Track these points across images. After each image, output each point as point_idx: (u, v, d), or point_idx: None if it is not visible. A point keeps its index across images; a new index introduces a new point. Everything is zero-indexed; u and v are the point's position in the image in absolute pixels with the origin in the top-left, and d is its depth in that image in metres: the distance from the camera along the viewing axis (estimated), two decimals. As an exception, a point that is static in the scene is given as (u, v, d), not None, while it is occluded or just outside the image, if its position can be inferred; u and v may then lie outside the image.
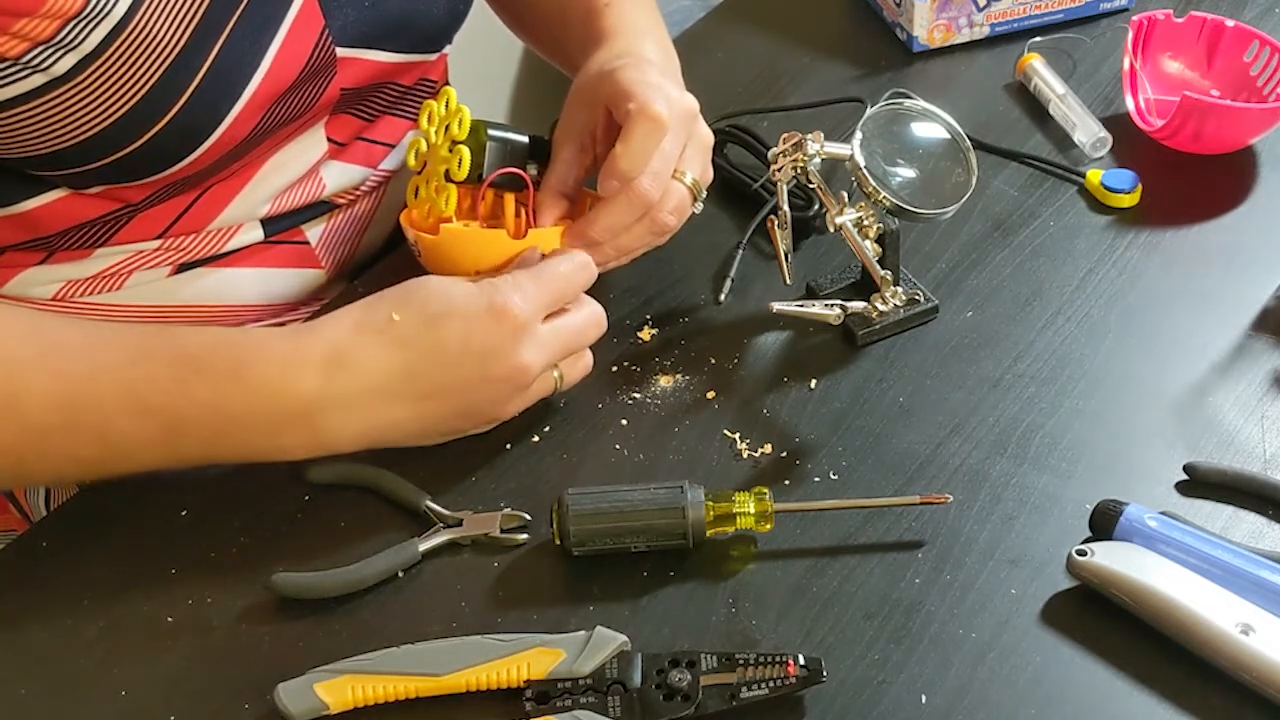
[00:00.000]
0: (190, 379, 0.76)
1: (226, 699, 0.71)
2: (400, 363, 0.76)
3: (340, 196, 0.96)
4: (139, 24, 0.75)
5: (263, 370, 0.76)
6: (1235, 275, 0.92)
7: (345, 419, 0.77)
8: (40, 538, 0.82)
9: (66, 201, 0.85)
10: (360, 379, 0.76)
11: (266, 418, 0.76)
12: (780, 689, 0.67)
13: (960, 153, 0.88)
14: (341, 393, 0.76)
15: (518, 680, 0.69)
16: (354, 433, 0.77)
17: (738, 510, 0.76)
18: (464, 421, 0.80)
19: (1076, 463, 0.80)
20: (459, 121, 0.85)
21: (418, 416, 0.78)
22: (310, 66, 0.84)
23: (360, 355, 0.76)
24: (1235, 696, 0.67)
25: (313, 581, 0.75)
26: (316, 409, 0.76)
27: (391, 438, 0.79)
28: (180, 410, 0.75)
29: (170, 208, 0.88)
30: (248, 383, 0.76)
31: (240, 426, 0.76)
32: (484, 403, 0.79)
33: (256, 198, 0.91)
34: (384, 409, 0.77)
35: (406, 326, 0.77)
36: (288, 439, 0.77)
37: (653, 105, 0.82)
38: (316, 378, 0.76)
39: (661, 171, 0.84)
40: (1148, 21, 1.07)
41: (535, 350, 0.78)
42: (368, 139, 0.96)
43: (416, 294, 0.78)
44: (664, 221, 0.86)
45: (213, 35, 0.78)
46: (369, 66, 0.89)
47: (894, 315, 0.89)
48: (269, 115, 0.83)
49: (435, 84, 1.00)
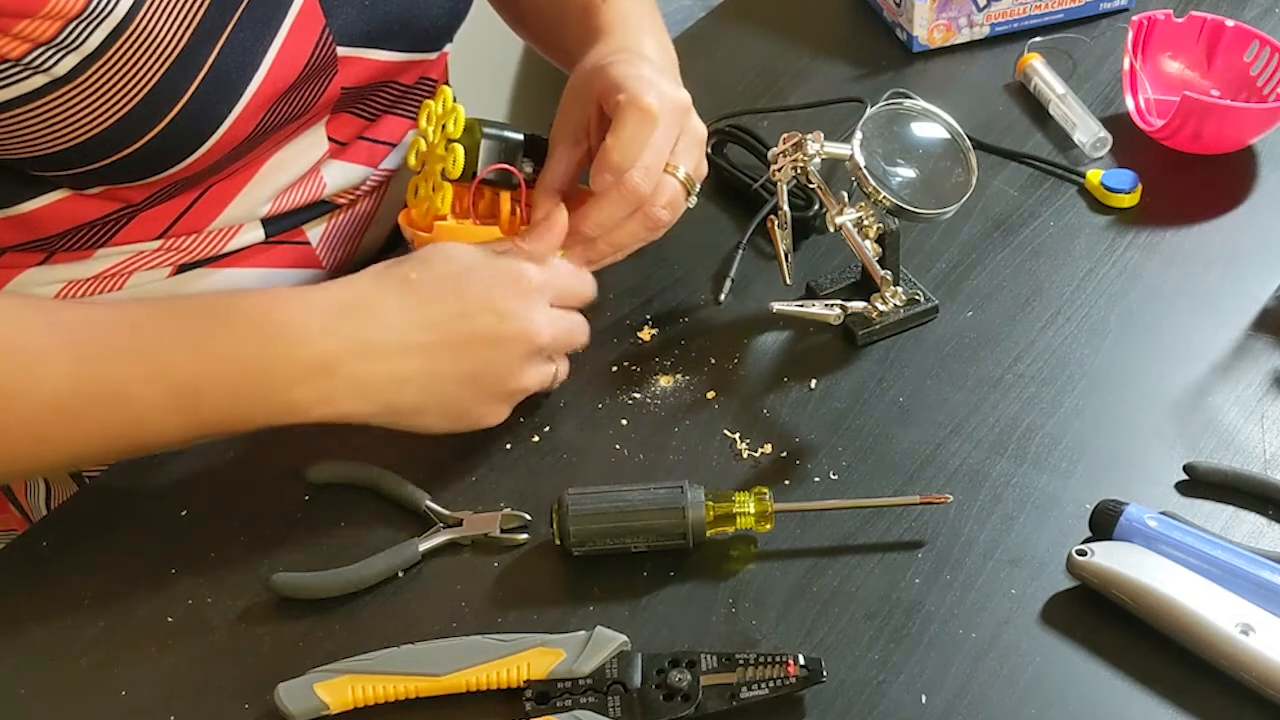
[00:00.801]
0: (208, 332, 0.75)
1: (226, 699, 0.71)
2: (419, 312, 0.77)
3: (341, 196, 0.96)
4: (140, 24, 0.75)
5: (282, 316, 0.76)
6: (1235, 275, 0.92)
7: (358, 366, 0.76)
8: (40, 538, 0.82)
9: (67, 202, 0.85)
10: (376, 322, 0.76)
11: (283, 367, 0.75)
12: (780, 689, 0.67)
13: (960, 153, 0.88)
14: (358, 338, 0.76)
15: (518, 680, 0.69)
16: (368, 384, 0.76)
17: (738, 510, 0.76)
18: (474, 390, 0.79)
19: (1076, 463, 0.80)
20: (454, 120, 0.85)
21: (431, 372, 0.77)
22: (311, 66, 0.84)
23: (376, 300, 0.77)
24: (1235, 696, 0.67)
25: (313, 581, 0.75)
26: (334, 356, 0.75)
27: (403, 399, 0.77)
28: (197, 368, 0.74)
29: (171, 208, 0.88)
30: (265, 331, 0.75)
31: (257, 380, 0.75)
32: (496, 366, 0.79)
33: (257, 197, 0.91)
34: (398, 360, 0.76)
35: (426, 283, 0.78)
36: (304, 392, 0.75)
37: (643, 97, 0.82)
38: (334, 322, 0.76)
39: (653, 166, 0.84)
40: (1148, 21, 1.07)
41: (546, 322, 0.80)
42: (369, 138, 0.96)
43: (437, 255, 0.80)
44: (657, 216, 0.86)
45: (214, 35, 0.78)
46: (370, 66, 0.90)
47: (894, 315, 0.89)
48: (270, 115, 0.83)
49: (435, 83, 1.00)
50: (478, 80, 1.60)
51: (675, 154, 0.85)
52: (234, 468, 0.84)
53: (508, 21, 1.12)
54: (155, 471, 0.84)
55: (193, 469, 0.84)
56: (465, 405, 0.80)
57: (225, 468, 0.84)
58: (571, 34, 0.96)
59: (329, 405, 0.76)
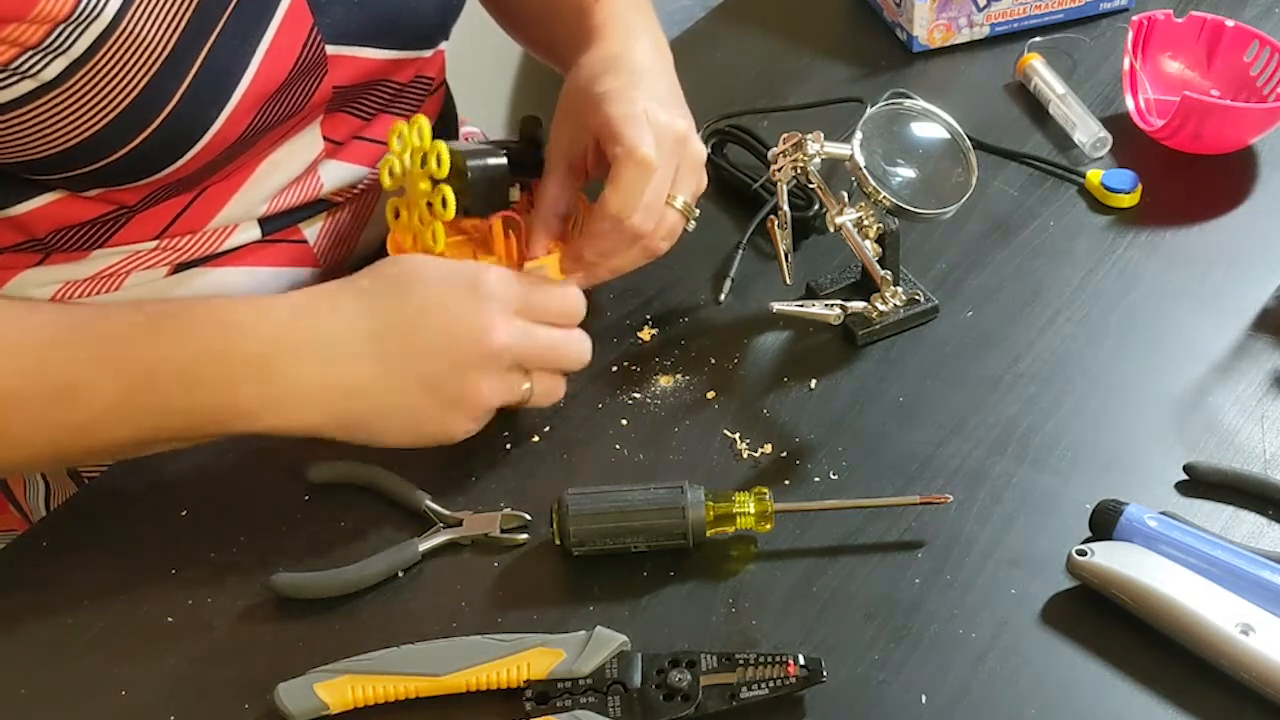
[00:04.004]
0: (157, 329, 0.76)
1: (226, 699, 0.71)
2: (367, 324, 0.76)
3: (338, 195, 0.96)
4: (128, 27, 0.74)
5: (232, 317, 0.76)
6: (1235, 275, 0.92)
7: (301, 369, 0.75)
8: (40, 538, 0.82)
9: (62, 204, 0.85)
10: (321, 327, 0.76)
11: (226, 365, 0.75)
12: (780, 689, 0.67)
13: (960, 153, 0.88)
14: (299, 338, 0.75)
15: (518, 680, 0.69)
16: (312, 389, 0.75)
17: (738, 510, 0.76)
18: (429, 399, 0.77)
19: (1076, 463, 0.80)
20: (436, 158, 0.84)
21: (380, 381, 0.76)
22: (300, 65, 0.84)
23: (325, 306, 0.77)
24: (1235, 696, 0.67)
25: (313, 581, 0.75)
26: (273, 352, 0.75)
27: (353, 410, 0.77)
28: (144, 363, 0.74)
29: (167, 209, 0.88)
30: (216, 329, 0.76)
31: (200, 379, 0.75)
32: (448, 374, 0.77)
33: (254, 198, 0.91)
34: (344, 367, 0.76)
35: (379, 292, 0.77)
36: (246, 392, 0.75)
37: (639, 149, 0.81)
38: (282, 325, 0.76)
39: (654, 205, 0.83)
40: (1148, 21, 1.07)
41: (507, 331, 0.77)
42: (366, 138, 0.96)
43: (391, 266, 0.79)
44: (656, 248, 0.87)
45: (202, 36, 0.78)
46: (361, 64, 0.89)
47: (894, 315, 0.89)
48: (261, 115, 0.83)
49: (432, 80, 1.00)
50: (477, 80, 1.60)
51: (675, 184, 0.85)
52: (234, 468, 0.84)
53: (499, 21, 1.11)
54: (155, 471, 0.84)
55: (193, 469, 0.84)
56: (421, 416, 0.78)
57: (225, 468, 0.84)
58: (563, 34, 0.96)
59: (276, 412, 0.75)
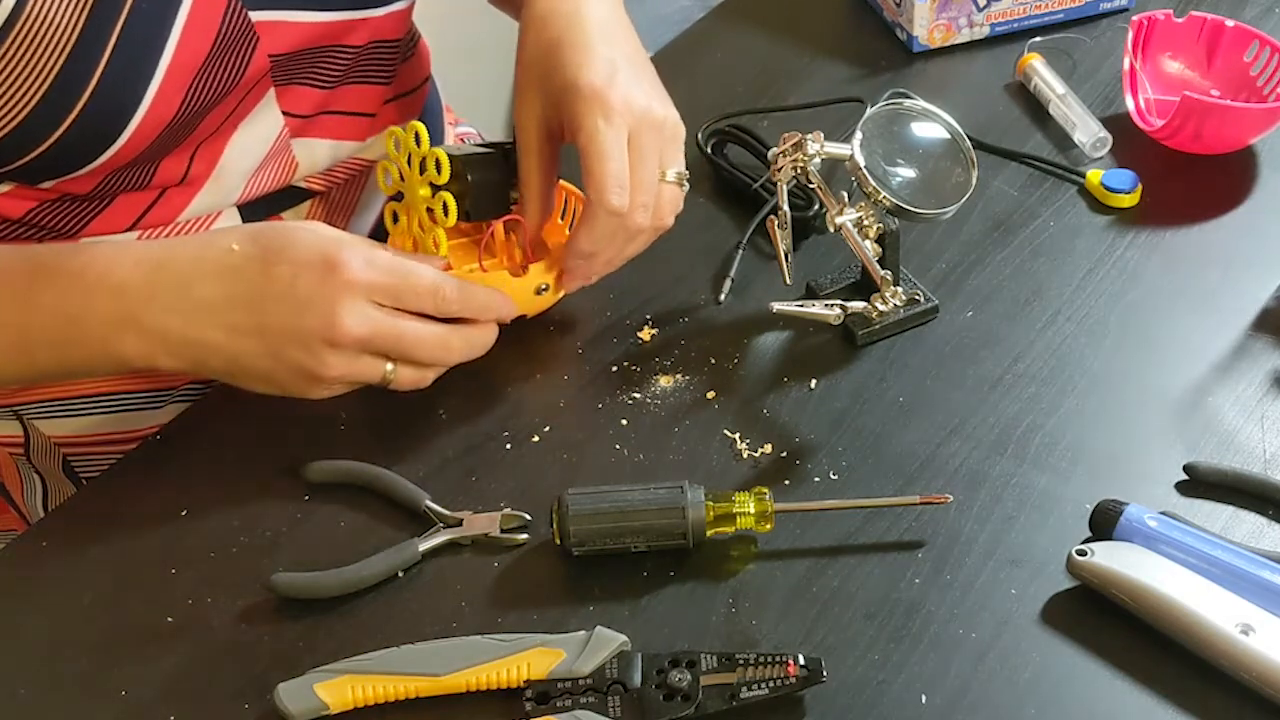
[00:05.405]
0: (39, 284, 0.78)
1: (226, 699, 0.71)
2: (222, 290, 0.77)
3: (316, 180, 0.95)
4: (31, 14, 0.74)
5: (102, 267, 0.78)
6: (1235, 275, 0.92)
7: (164, 322, 0.77)
8: (40, 538, 0.82)
9: (16, 195, 0.84)
10: (183, 286, 0.77)
11: (103, 318, 0.77)
12: (780, 689, 0.67)
13: (960, 153, 0.88)
14: (159, 290, 0.77)
15: (518, 680, 0.69)
16: (172, 341, 0.77)
17: (738, 510, 0.76)
18: (278, 365, 0.78)
19: (1076, 463, 0.80)
20: (437, 165, 0.84)
21: (230, 346, 0.78)
22: (224, 35, 0.82)
23: (194, 267, 0.78)
24: (1235, 696, 0.67)
25: (313, 581, 0.75)
26: (140, 303, 0.77)
27: (211, 365, 0.79)
28: (29, 318, 0.77)
29: (134, 199, 0.87)
30: (87, 280, 0.77)
31: (83, 331, 0.77)
32: (295, 350, 0.77)
33: (225, 184, 0.89)
34: (197, 329, 0.77)
35: (240, 258, 0.78)
36: (126, 343, 0.77)
37: (609, 199, 0.80)
38: (147, 276, 0.77)
39: (648, 201, 0.83)
40: (1148, 21, 1.07)
41: (357, 318, 0.77)
42: (336, 111, 0.94)
43: (265, 232, 0.79)
44: (664, 225, 0.86)
45: (111, 17, 0.77)
46: (296, 29, 0.86)
47: (894, 315, 0.89)
48: (193, 91, 0.82)
49: (396, 43, 0.95)
50: (475, 80, 1.60)
51: (662, 161, 0.84)
52: (234, 468, 0.84)
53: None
54: (155, 471, 0.84)
55: (193, 469, 0.84)
56: (274, 378, 0.79)
57: (225, 468, 0.84)
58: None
59: (148, 358, 0.78)
